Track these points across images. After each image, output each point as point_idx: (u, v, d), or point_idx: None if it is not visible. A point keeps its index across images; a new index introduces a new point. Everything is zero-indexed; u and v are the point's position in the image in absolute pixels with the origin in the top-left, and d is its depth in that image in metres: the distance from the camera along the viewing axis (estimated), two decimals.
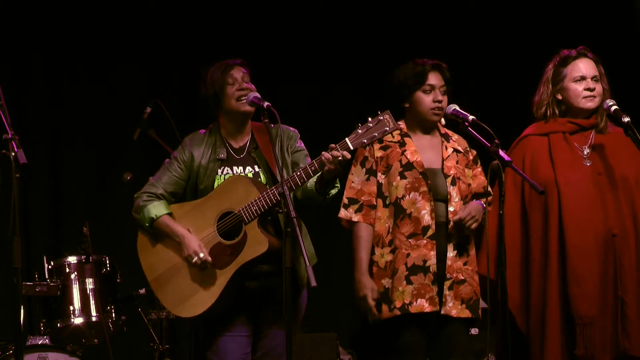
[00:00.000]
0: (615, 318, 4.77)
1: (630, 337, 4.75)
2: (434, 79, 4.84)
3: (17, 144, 4.20)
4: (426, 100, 4.84)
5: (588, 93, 4.88)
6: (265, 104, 4.61)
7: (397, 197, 4.81)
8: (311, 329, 6.66)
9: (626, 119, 4.79)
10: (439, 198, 4.80)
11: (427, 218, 4.77)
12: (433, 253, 4.75)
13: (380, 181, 4.86)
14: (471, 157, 4.93)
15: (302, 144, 4.88)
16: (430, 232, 4.76)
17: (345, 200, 4.90)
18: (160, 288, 4.81)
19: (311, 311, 4.99)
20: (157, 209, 4.77)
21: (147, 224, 4.77)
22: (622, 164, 4.86)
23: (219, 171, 4.80)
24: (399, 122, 4.85)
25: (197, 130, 4.93)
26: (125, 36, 7.26)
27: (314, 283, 4.22)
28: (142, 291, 6.07)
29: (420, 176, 4.80)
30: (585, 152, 4.90)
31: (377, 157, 4.87)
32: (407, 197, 4.79)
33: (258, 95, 4.70)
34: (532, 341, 4.81)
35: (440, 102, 4.82)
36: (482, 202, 4.80)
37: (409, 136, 4.88)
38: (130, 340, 6.43)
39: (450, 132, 4.93)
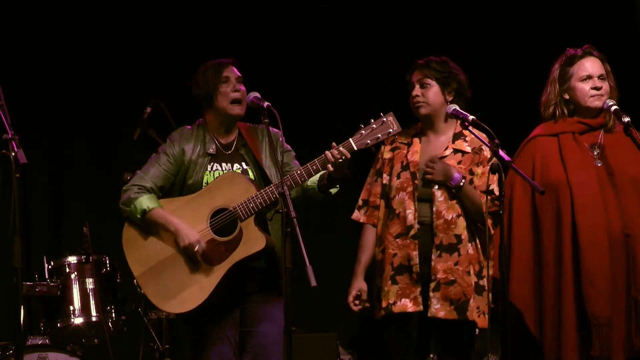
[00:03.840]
0: (629, 318, 4.76)
1: None
2: (414, 76, 4.95)
3: (17, 144, 4.20)
4: (410, 98, 4.94)
5: (595, 92, 4.87)
6: (265, 104, 4.61)
7: (390, 198, 4.87)
8: (311, 329, 6.65)
9: (626, 119, 4.78)
10: (424, 198, 4.83)
11: (410, 217, 4.81)
12: (416, 253, 4.79)
13: (384, 182, 4.92)
14: (487, 155, 4.90)
15: (288, 145, 4.91)
16: (412, 232, 4.80)
17: (359, 202, 5.01)
18: (147, 283, 4.77)
19: (311, 311, 5.00)
20: (149, 201, 4.76)
21: (138, 216, 4.75)
22: (632, 163, 4.85)
23: (209, 167, 4.81)
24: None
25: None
26: (125, 36, 7.26)
27: (314, 283, 4.22)
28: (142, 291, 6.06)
29: (410, 176, 4.83)
30: (595, 153, 4.89)
31: (385, 159, 4.95)
32: (397, 197, 4.85)
33: (258, 95, 4.70)
34: (547, 342, 4.78)
35: (416, 95, 4.90)
36: (462, 176, 4.80)
37: (419, 136, 4.95)
38: (130, 340, 6.43)
39: (468, 131, 4.85)
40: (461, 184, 4.80)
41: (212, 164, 4.81)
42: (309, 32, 7.53)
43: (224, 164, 4.81)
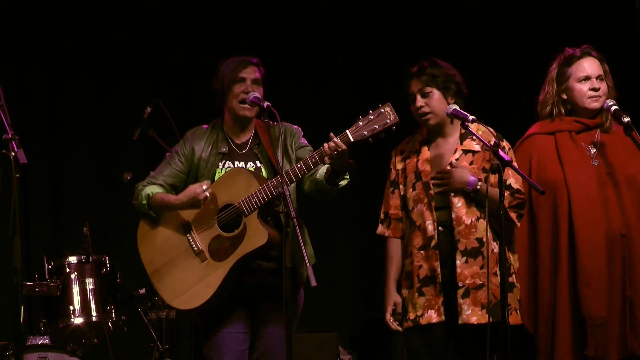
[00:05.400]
0: (623, 318, 4.76)
1: (639, 338, 4.74)
2: (413, 86, 4.82)
3: (17, 144, 4.20)
4: (413, 109, 4.84)
5: (593, 93, 4.87)
6: (265, 103, 4.61)
7: (409, 210, 4.83)
8: (311, 329, 6.65)
9: (626, 119, 4.79)
10: (442, 205, 4.78)
11: (430, 228, 4.76)
12: (437, 263, 4.74)
13: (402, 193, 4.86)
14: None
15: (306, 141, 4.88)
16: (433, 242, 4.75)
17: (381, 215, 4.93)
18: (159, 280, 4.81)
19: (311, 311, 5.00)
20: (153, 189, 4.80)
21: (144, 202, 4.78)
22: (629, 163, 4.85)
23: (220, 165, 4.81)
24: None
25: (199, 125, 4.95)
26: (125, 36, 7.26)
27: (314, 283, 4.23)
28: (142, 291, 6.07)
29: (423, 186, 4.79)
30: (592, 152, 4.89)
31: (398, 169, 4.88)
32: (415, 209, 4.80)
33: (258, 95, 4.71)
34: (541, 341, 4.79)
35: (421, 107, 4.79)
36: (477, 179, 4.70)
37: (427, 143, 4.87)
38: (130, 340, 6.43)
39: (476, 127, 4.74)
40: (477, 187, 4.70)
41: (224, 161, 4.82)
42: (309, 32, 7.53)
43: (236, 162, 4.82)
